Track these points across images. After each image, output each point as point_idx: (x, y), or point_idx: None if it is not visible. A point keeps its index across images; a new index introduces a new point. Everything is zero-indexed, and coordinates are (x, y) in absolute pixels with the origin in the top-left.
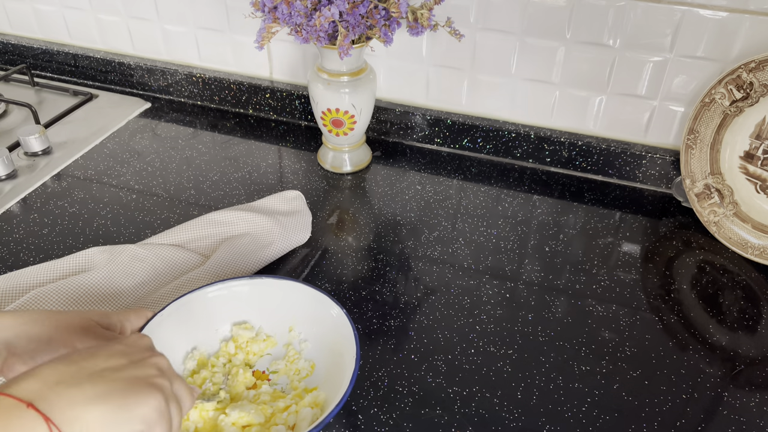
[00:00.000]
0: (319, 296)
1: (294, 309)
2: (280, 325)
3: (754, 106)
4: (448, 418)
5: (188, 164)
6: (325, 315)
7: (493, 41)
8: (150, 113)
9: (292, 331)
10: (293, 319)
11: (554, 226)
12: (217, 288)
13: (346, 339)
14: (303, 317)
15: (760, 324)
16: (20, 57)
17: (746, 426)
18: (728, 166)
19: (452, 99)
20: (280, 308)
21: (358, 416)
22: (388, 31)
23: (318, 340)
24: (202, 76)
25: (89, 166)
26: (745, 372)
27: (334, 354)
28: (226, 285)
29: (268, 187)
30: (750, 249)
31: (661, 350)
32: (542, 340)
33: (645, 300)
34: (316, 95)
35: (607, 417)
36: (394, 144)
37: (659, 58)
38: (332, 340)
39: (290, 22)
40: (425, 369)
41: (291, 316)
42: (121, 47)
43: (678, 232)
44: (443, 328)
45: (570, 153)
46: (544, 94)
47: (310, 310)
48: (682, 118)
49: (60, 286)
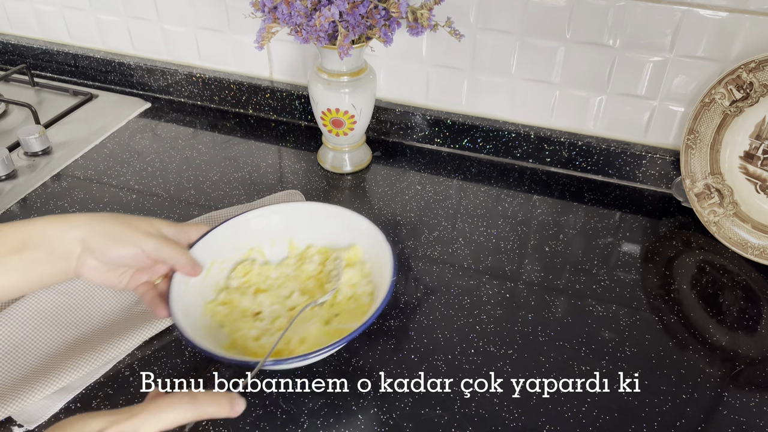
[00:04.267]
0: (344, 212)
1: (329, 227)
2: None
3: (754, 106)
4: (448, 418)
5: (188, 164)
6: (356, 227)
7: (493, 41)
8: (150, 113)
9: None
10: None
11: (554, 226)
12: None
13: (378, 242)
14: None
15: (760, 324)
16: (20, 57)
17: (746, 426)
18: (728, 166)
19: (452, 99)
20: (316, 225)
21: (358, 416)
22: (388, 31)
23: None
24: (202, 76)
25: (89, 166)
26: (745, 372)
27: (371, 256)
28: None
29: (268, 187)
30: (750, 249)
31: (661, 350)
32: (542, 340)
33: (645, 300)
34: (316, 95)
35: (607, 417)
36: (394, 144)
37: (659, 58)
38: (367, 244)
39: (290, 22)
40: (425, 369)
41: (326, 232)
42: (121, 47)
43: (678, 232)
44: (443, 328)
45: (570, 153)
46: (544, 94)
47: (342, 226)
48: (682, 118)
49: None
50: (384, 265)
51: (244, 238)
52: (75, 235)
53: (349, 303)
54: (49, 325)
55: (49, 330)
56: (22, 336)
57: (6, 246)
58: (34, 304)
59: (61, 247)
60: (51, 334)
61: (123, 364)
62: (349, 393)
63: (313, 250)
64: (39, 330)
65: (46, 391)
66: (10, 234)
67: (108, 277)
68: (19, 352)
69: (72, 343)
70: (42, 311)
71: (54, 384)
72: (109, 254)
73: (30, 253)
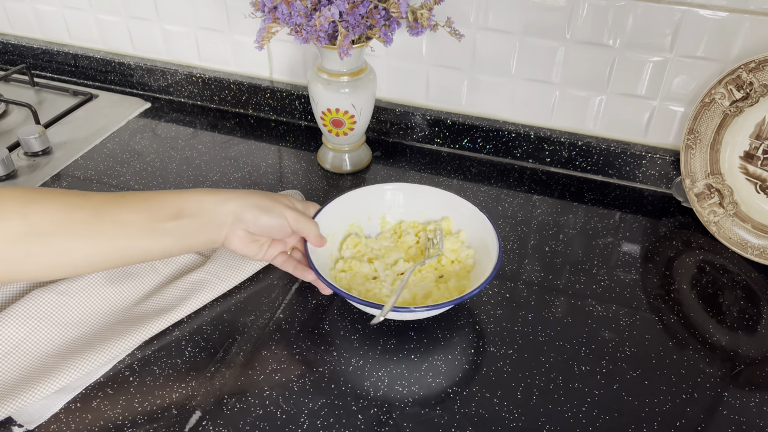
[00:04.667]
0: (429, 189)
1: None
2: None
3: (754, 106)
4: (448, 418)
5: (188, 164)
6: (445, 201)
7: (493, 41)
8: (150, 113)
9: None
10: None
11: (554, 226)
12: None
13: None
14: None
15: (760, 324)
16: (20, 57)
17: (746, 426)
18: (728, 166)
19: (452, 99)
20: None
21: (358, 416)
22: (388, 31)
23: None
24: (202, 76)
25: (89, 166)
26: (745, 372)
27: (476, 238)
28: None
29: (268, 187)
30: (750, 249)
31: (661, 350)
32: (542, 340)
33: (645, 300)
34: (316, 95)
35: (607, 417)
36: (394, 144)
37: (659, 58)
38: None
39: (290, 22)
40: (425, 369)
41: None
42: (121, 47)
43: (678, 232)
44: (443, 328)
45: (570, 153)
46: (543, 94)
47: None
48: (682, 118)
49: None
50: (480, 230)
51: (346, 216)
52: (229, 208)
53: (453, 266)
54: (49, 325)
55: (49, 330)
56: (22, 336)
57: (164, 212)
58: (34, 304)
59: (217, 217)
60: (51, 334)
61: (123, 364)
62: (349, 393)
63: (405, 225)
64: (39, 330)
65: (46, 391)
66: (168, 202)
67: (251, 247)
68: (19, 352)
69: (72, 343)
70: (42, 311)
71: (54, 384)
72: (259, 223)
73: (186, 220)
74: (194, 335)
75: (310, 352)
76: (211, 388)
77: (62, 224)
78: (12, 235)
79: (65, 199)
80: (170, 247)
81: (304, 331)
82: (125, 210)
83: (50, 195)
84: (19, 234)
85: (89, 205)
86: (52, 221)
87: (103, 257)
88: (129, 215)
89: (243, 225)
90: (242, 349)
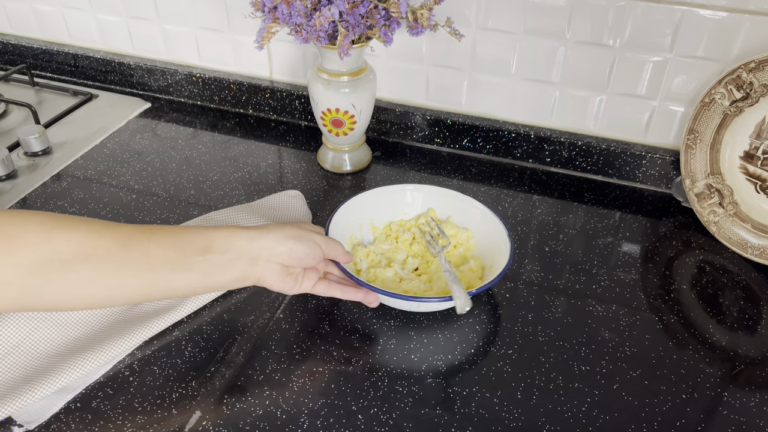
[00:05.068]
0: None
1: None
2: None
3: (753, 106)
4: (448, 418)
5: (188, 164)
6: (429, 196)
7: (493, 41)
8: (150, 113)
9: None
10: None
11: (554, 226)
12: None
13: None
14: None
15: (760, 324)
16: (20, 57)
17: (746, 426)
18: (728, 166)
19: (452, 99)
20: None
21: (358, 416)
22: (388, 31)
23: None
24: (202, 76)
25: (89, 166)
26: (745, 372)
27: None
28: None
29: (268, 187)
30: (750, 249)
31: (661, 350)
32: (542, 340)
33: (645, 300)
34: (316, 95)
35: (607, 417)
36: (394, 144)
37: (659, 58)
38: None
39: (290, 22)
40: (425, 369)
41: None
42: (121, 47)
43: (678, 232)
44: (443, 328)
45: (570, 153)
46: (543, 94)
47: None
48: (682, 118)
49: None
50: (468, 209)
51: (345, 229)
52: (262, 243)
53: (457, 250)
54: (49, 325)
55: (49, 330)
56: (22, 336)
57: (192, 247)
58: None
59: (249, 253)
60: (51, 334)
61: (123, 364)
62: (349, 393)
63: (395, 225)
64: (39, 330)
65: (46, 391)
66: (198, 237)
67: (287, 281)
68: (19, 352)
69: (72, 343)
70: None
71: (54, 384)
72: (295, 254)
73: (214, 256)
74: (194, 335)
75: (310, 352)
76: (211, 388)
77: (86, 252)
78: (33, 260)
79: (91, 227)
80: (196, 283)
81: (304, 331)
82: (152, 242)
83: (75, 222)
84: (41, 259)
85: (115, 235)
86: (77, 249)
87: (125, 289)
88: (156, 247)
89: (278, 258)
90: (242, 349)
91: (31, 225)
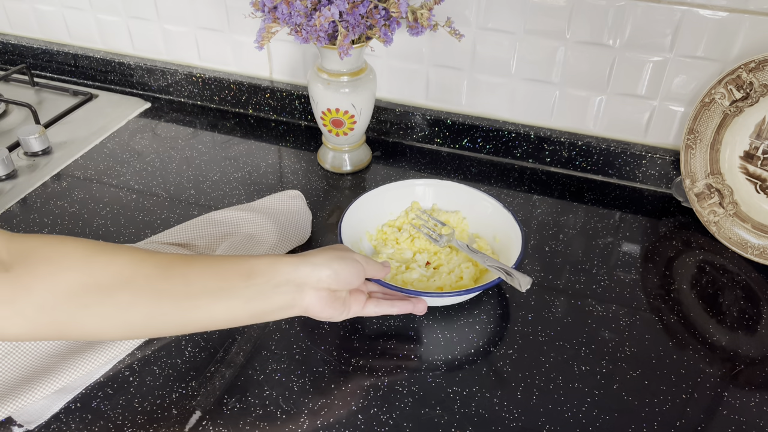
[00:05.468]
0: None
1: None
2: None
3: (753, 106)
4: (448, 418)
5: (188, 164)
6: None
7: (493, 41)
8: (150, 113)
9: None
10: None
11: (554, 226)
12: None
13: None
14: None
15: (760, 324)
16: (20, 57)
17: (746, 426)
18: (728, 166)
19: (452, 99)
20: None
21: (358, 416)
22: (388, 31)
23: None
24: (202, 76)
25: (89, 166)
26: (745, 372)
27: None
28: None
29: (268, 187)
30: (750, 249)
31: (661, 350)
32: (542, 340)
33: (645, 300)
34: (316, 95)
35: (607, 417)
36: (394, 144)
37: (659, 58)
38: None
39: (290, 22)
40: (425, 369)
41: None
42: (121, 47)
43: (678, 232)
44: (443, 328)
45: (570, 153)
46: (543, 94)
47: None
48: (682, 118)
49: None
50: (455, 192)
51: (350, 241)
52: (307, 269)
53: (459, 234)
54: None
55: None
56: None
57: (233, 273)
58: None
59: (295, 279)
60: None
61: (123, 364)
62: (349, 393)
63: (386, 228)
64: None
65: (46, 391)
66: (239, 263)
67: (335, 306)
68: (19, 352)
69: (72, 343)
70: None
71: (54, 384)
72: (342, 275)
73: (257, 280)
74: (194, 335)
75: (310, 352)
76: (211, 388)
77: (125, 278)
78: (71, 285)
79: (131, 254)
80: (238, 311)
81: (304, 331)
82: (193, 268)
83: (115, 248)
84: (79, 284)
85: (155, 262)
86: (116, 274)
87: (163, 318)
88: (197, 274)
89: (324, 283)
90: (242, 349)
91: (70, 249)
